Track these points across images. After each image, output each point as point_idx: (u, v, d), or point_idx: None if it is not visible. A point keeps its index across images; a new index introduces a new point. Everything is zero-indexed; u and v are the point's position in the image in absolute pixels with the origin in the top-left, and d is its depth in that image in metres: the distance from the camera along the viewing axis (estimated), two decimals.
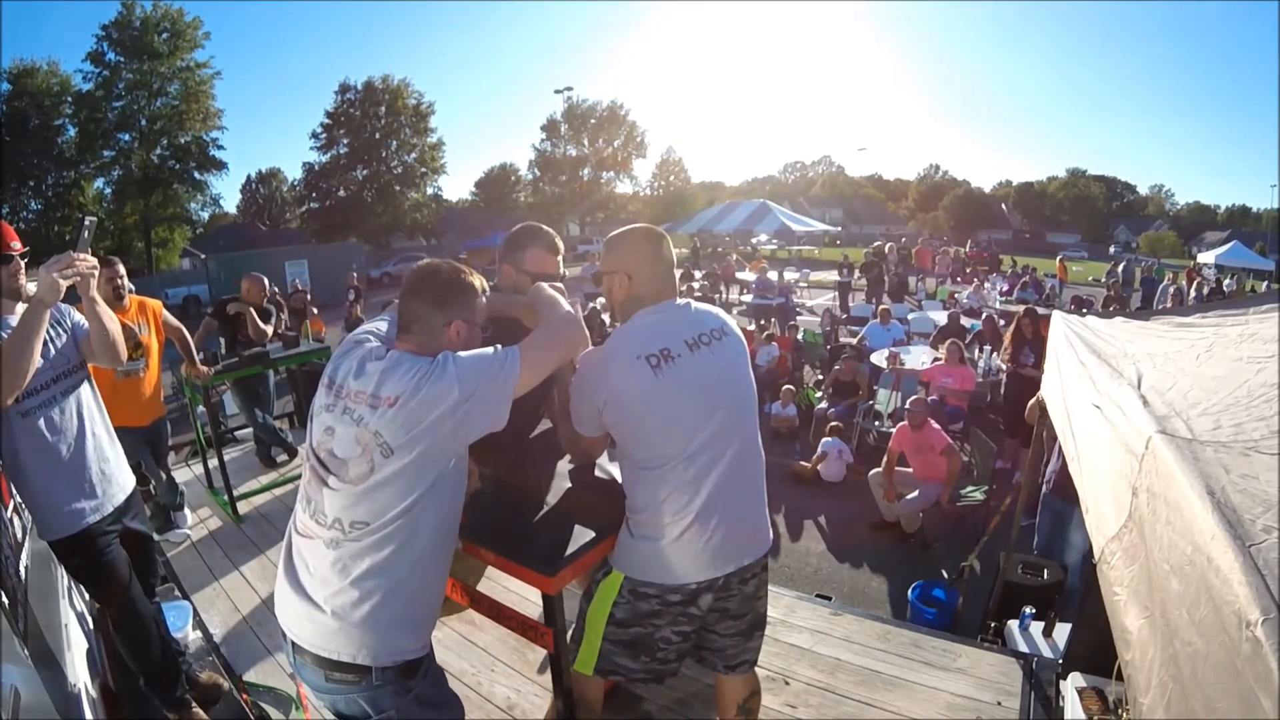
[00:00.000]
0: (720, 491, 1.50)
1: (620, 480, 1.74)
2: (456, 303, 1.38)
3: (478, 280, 1.43)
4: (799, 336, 9.07)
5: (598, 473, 1.87)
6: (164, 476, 3.54)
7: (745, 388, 1.61)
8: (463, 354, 1.32)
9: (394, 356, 1.32)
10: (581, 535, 1.63)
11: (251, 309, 4.48)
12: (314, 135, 35.03)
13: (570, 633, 1.66)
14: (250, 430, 4.87)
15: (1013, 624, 2.79)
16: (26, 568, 1.65)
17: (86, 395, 1.93)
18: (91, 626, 2.14)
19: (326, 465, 1.31)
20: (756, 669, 1.79)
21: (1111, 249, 39.17)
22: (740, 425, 1.56)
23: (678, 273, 1.84)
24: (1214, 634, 0.76)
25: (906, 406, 4.82)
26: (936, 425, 4.73)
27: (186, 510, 3.79)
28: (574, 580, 1.67)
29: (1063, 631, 2.62)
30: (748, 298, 13.28)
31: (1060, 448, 2.98)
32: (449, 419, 1.26)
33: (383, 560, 1.29)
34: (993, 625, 2.87)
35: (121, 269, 3.17)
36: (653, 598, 1.54)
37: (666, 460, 1.48)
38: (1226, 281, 17.57)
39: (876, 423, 6.32)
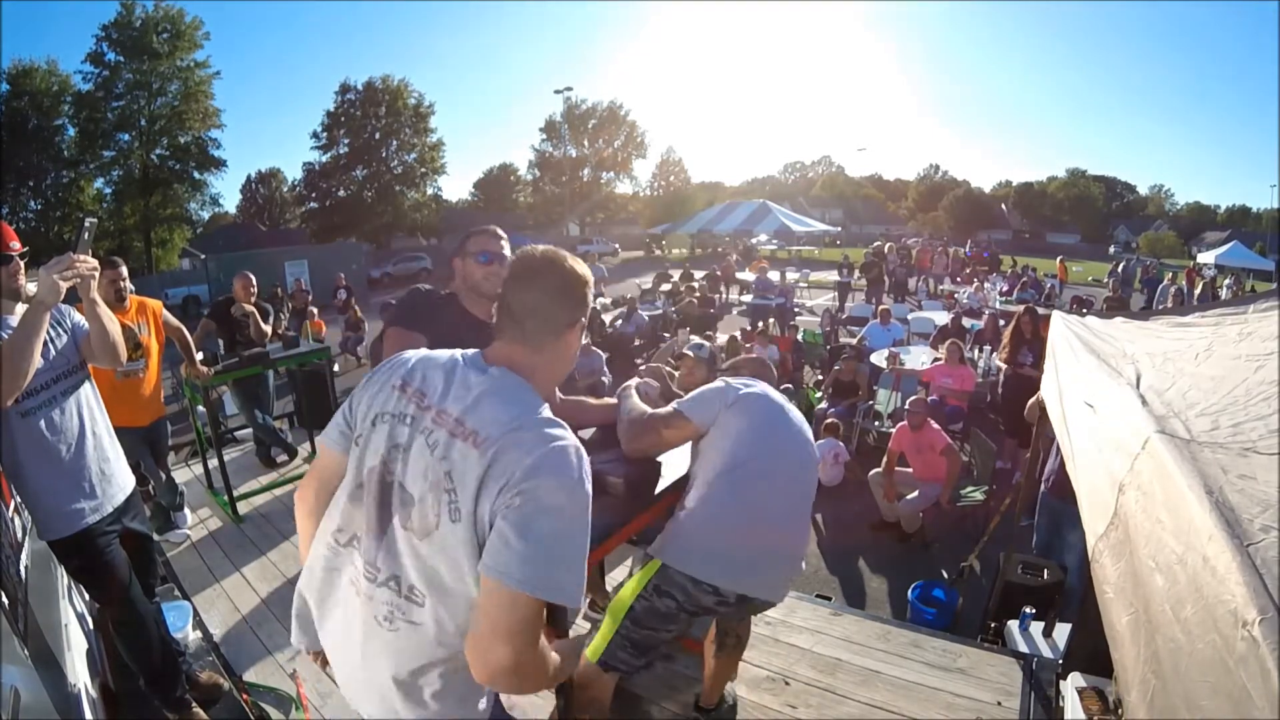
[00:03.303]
0: (783, 520, 1.72)
1: (625, 477, 1.76)
2: (584, 298, 1.13)
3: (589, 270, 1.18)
4: (799, 337, 9.07)
5: (600, 470, 1.88)
6: (164, 476, 3.54)
7: (811, 449, 1.91)
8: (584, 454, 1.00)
9: (498, 376, 1.05)
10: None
11: (255, 310, 4.49)
12: (314, 135, 35.05)
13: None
14: (250, 430, 4.87)
15: (1013, 624, 2.79)
16: (26, 568, 1.66)
17: (87, 395, 1.93)
18: (91, 626, 2.14)
19: (389, 499, 1.03)
20: (757, 669, 1.84)
21: (1111, 249, 39.15)
22: (811, 472, 1.87)
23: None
24: (1202, 632, 0.76)
25: (906, 407, 4.82)
26: (936, 425, 4.73)
27: (186, 510, 3.79)
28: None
29: (1063, 631, 2.62)
30: (748, 298, 13.28)
31: (1058, 447, 2.99)
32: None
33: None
34: (993, 625, 2.87)
35: (124, 270, 3.18)
36: (673, 597, 1.63)
37: (750, 472, 1.67)
38: (1227, 282, 17.56)
39: (876, 423, 6.31)
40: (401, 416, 1.05)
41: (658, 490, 1.77)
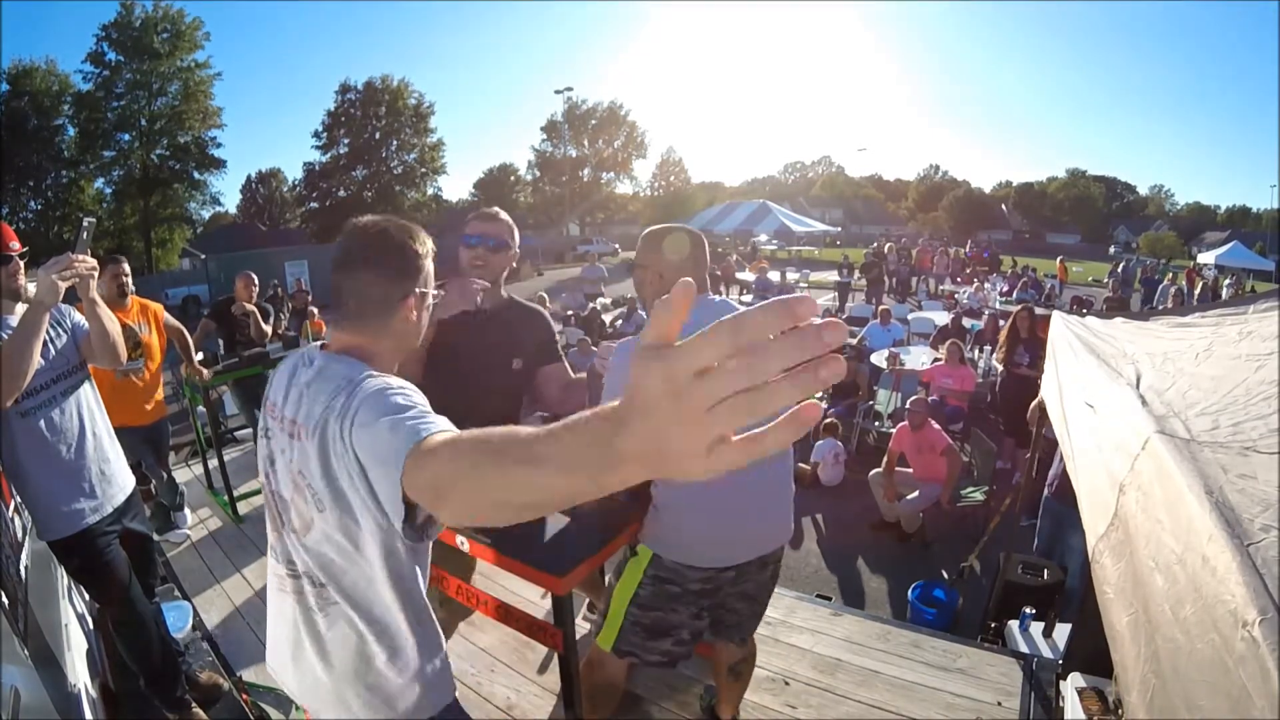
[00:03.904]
0: (752, 481, 1.57)
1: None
2: (411, 269, 1.09)
3: (428, 242, 1.14)
4: None
5: None
6: (165, 476, 3.54)
7: None
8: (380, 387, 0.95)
9: (322, 363, 1.04)
10: (589, 535, 1.64)
11: (256, 310, 4.49)
12: (314, 135, 35.12)
13: (600, 608, 1.76)
14: (250, 430, 4.87)
15: (1013, 624, 2.79)
16: (26, 568, 1.66)
17: (86, 395, 1.93)
18: (91, 626, 2.14)
19: (275, 507, 1.09)
20: (757, 669, 1.82)
21: (1111, 249, 39.15)
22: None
23: None
24: (1201, 632, 0.76)
25: (907, 407, 4.82)
26: (937, 426, 4.73)
27: (186, 510, 3.79)
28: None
29: (1063, 632, 2.62)
30: (747, 298, 13.28)
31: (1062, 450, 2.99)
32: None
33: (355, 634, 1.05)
34: (993, 625, 2.87)
35: (126, 266, 3.17)
36: (675, 582, 1.61)
37: None
38: (1226, 282, 17.56)
39: (876, 423, 6.32)
40: (266, 431, 1.10)
41: None
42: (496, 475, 0.59)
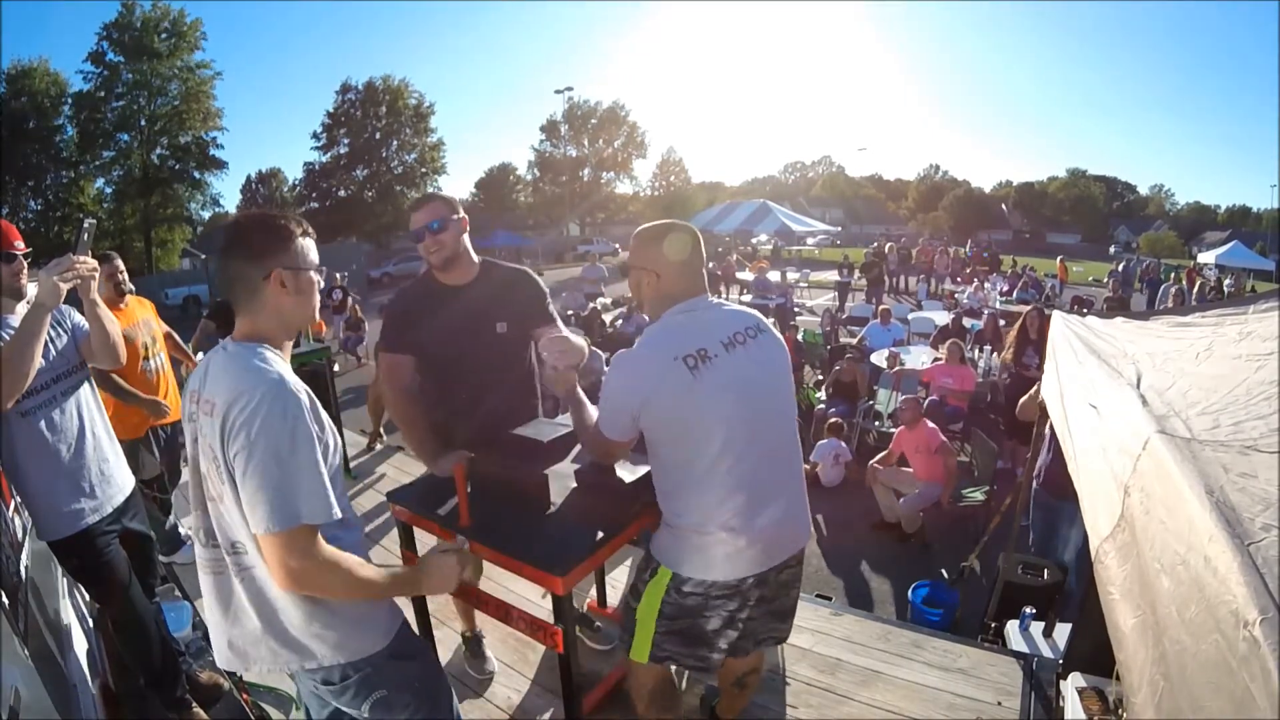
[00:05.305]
0: (763, 489, 1.51)
1: (627, 478, 1.74)
2: (271, 249, 1.18)
3: (294, 224, 1.23)
4: (799, 337, 9.06)
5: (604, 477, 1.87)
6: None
7: (784, 383, 1.64)
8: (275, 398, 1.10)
9: (227, 350, 1.19)
10: (590, 535, 1.64)
11: None
12: (315, 135, 35.11)
13: (620, 623, 1.72)
14: None
15: (1013, 624, 2.78)
16: (26, 567, 1.66)
17: (86, 396, 1.94)
18: (91, 626, 2.14)
19: (200, 481, 1.23)
20: None
21: (1112, 249, 39.12)
22: (780, 422, 1.59)
23: None
24: (1205, 633, 0.76)
25: (899, 407, 4.86)
26: (932, 425, 4.74)
27: (181, 527, 3.62)
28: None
29: (1063, 631, 2.62)
30: (747, 298, 13.28)
31: (1050, 444, 2.98)
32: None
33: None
34: (993, 625, 2.87)
35: (120, 264, 3.14)
36: (699, 595, 1.55)
37: (707, 461, 1.47)
38: (1227, 282, 17.55)
39: (876, 423, 6.32)
40: (191, 416, 1.22)
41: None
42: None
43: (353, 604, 1.25)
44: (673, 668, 1.73)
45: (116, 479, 1.99)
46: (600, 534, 1.63)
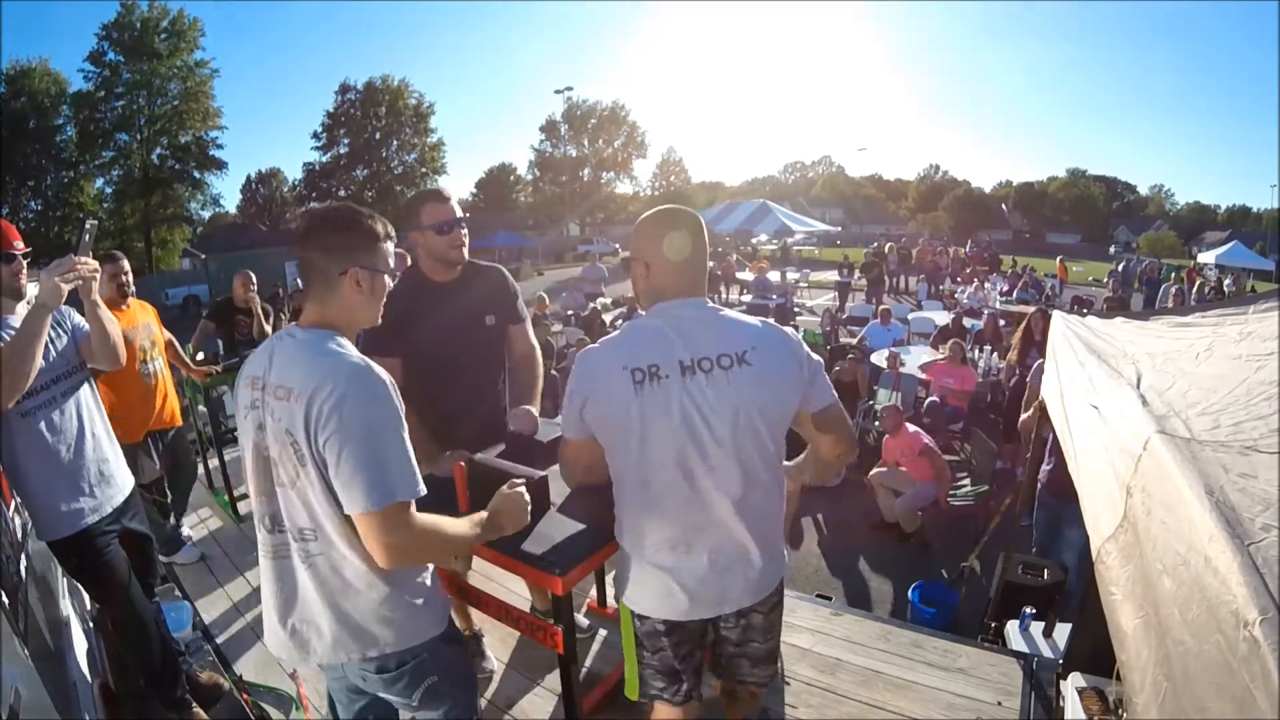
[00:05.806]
0: (703, 530, 1.38)
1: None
2: (352, 246, 1.21)
3: (380, 225, 1.26)
4: (799, 337, 9.05)
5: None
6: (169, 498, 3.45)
7: (755, 420, 1.36)
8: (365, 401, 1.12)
9: (300, 337, 1.20)
10: (590, 534, 1.64)
11: (258, 308, 4.50)
12: (314, 135, 35.18)
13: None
14: None
15: (1013, 624, 2.78)
16: (26, 568, 1.66)
17: (86, 396, 1.93)
18: (91, 626, 2.14)
19: (268, 469, 1.23)
20: None
21: (1112, 249, 39.13)
22: (740, 462, 1.37)
23: None
24: (1207, 633, 0.76)
25: (880, 414, 4.90)
26: (914, 429, 4.76)
27: (184, 527, 3.65)
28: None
29: (1063, 631, 2.62)
30: (748, 298, 13.29)
31: (1053, 447, 2.98)
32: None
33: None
34: (993, 625, 2.87)
35: (126, 265, 3.12)
36: (661, 634, 1.46)
37: (635, 480, 1.38)
38: (1227, 281, 17.55)
39: (876, 423, 6.31)
40: (254, 404, 1.22)
41: None
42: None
43: (418, 586, 1.28)
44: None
45: (116, 479, 1.99)
46: (600, 534, 1.63)
